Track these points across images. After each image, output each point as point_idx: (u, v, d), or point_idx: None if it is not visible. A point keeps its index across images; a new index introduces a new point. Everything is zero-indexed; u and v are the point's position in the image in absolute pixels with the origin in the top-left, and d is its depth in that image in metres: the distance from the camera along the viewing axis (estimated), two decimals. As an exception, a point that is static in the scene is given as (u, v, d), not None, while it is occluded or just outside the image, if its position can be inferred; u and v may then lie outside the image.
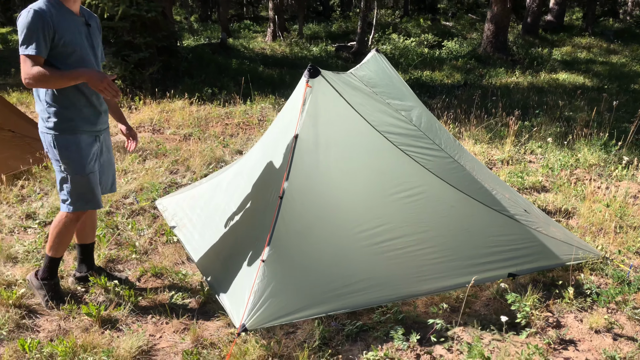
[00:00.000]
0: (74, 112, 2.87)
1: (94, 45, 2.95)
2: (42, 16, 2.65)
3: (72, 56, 2.79)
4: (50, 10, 2.72)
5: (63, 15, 2.77)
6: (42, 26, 2.65)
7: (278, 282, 2.91)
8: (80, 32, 2.85)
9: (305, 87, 3.13)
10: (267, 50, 16.52)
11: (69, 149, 2.88)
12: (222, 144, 6.40)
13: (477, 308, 3.22)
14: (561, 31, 20.45)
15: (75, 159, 2.90)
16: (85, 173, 2.94)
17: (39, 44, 2.65)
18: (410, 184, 3.37)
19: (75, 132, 2.89)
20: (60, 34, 2.72)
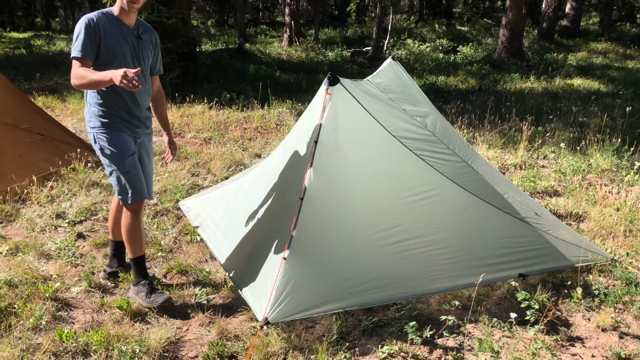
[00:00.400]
0: (112, 113, 3.12)
1: (141, 57, 3.17)
2: (91, 24, 2.95)
3: (113, 64, 3.00)
4: (101, 19, 3.00)
5: (113, 25, 3.04)
6: (89, 32, 2.93)
7: (298, 279, 3.08)
8: (127, 42, 3.09)
9: (325, 95, 3.30)
10: (284, 55, 16.75)
11: (108, 143, 3.11)
12: (241, 148, 6.59)
13: (488, 306, 3.36)
14: (577, 36, 20.43)
15: (114, 153, 3.12)
16: (125, 166, 3.14)
17: (85, 47, 2.92)
18: (425, 187, 3.52)
19: (114, 129, 3.13)
20: (105, 41, 2.98)
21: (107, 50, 3.00)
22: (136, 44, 3.14)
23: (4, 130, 5.32)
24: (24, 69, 12.23)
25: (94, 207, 4.79)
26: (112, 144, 3.12)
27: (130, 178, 3.16)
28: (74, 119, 8.07)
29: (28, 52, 15.34)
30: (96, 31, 2.96)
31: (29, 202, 4.85)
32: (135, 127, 3.23)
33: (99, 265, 3.83)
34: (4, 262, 3.83)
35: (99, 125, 3.13)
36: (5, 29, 22.56)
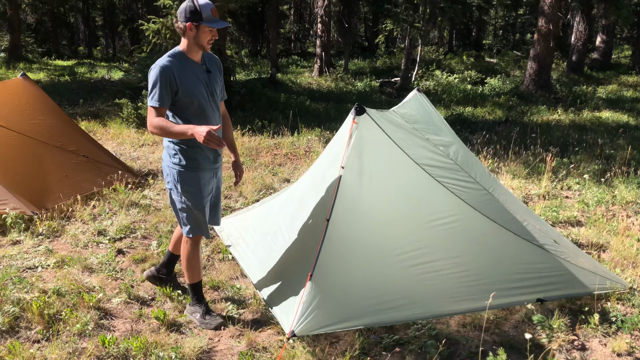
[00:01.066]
0: (197, 152, 3.19)
1: (213, 91, 3.24)
2: (165, 72, 3.00)
3: (192, 106, 3.12)
4: (174, 64, 3.05)
5: (185, 67, 3.09)
6: (165, 81, 3.00)
7: (324, 296, 3.27)
8: (200, 81, 3.15)
9: (352, 124, 3.54)
10: (314, 84, 17.20)
11: (190, 184, 3.21)
12: (271, 173, 6.88)
13: (506, 329, 3.48)
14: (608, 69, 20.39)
15: (194, 193, 3.22)
16: (201, 207, 3.27)
17: (161, 96, 3.01)
18: (446, 213, 3.70)
19: (198, 169, 3.21)
20: (182, 87, 3.05)
21: (186, 95, 3.07)
22: (208, 80, 3.20)
23: (52, 152, 5.73)
24: (68, 95, 12.90)
25: (132, 226, 5.09)
26: (194, 184, 3.21)
27: (202, 216, 3.31)
28: (114, 142, 8.51)
29: (72, 79, 16.15)
30: (172, 79, 3.01)
31: (73, 220, 5.19)
32: (216, 163, 3.34)
33: (137, 278, 4.10)
34: (51, 274, 4.13)
35: (183, 163, 3.18)
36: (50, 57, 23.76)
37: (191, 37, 3.07)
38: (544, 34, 14.14)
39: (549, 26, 13.98)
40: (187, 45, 3.12)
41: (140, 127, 9.33)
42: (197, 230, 3.34)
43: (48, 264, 4.28)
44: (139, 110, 9.32)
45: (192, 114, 3.16)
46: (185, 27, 3.04)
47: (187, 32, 3.06)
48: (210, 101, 3.21)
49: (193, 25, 3.03)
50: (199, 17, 3.02)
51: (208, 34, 3.07)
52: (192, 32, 3.05)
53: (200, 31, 3.05)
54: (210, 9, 3.03)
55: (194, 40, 3.09)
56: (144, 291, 3.93)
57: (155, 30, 9.88)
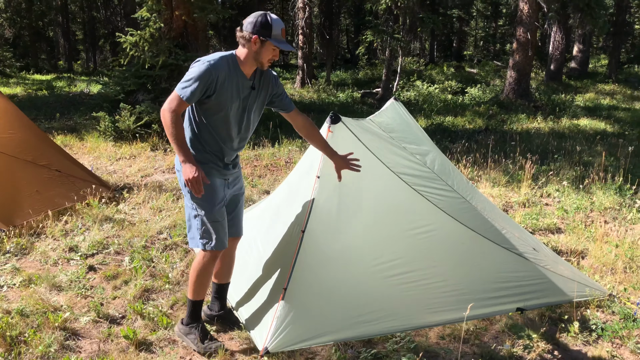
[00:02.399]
0: (209, 157, 3.05)
1: (248, 109, 3.08)
2: (210, 72, 2.82)
3: (219, 115, 2.97)
4: (223, 69, 2.87)
5: (232, 76, 2.93)
6: (206, 81, 2.82)
7: (299, 310, 3.17)
8: (239, 95, 2.99)
9: (327, 132, 3.48)
10: (296, 96, 17.17)
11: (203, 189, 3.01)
12: (250, 185, 6.77)
13: (486, 340, 3.41)
14: (585, 78, 20.70)
15: (206, 199, 3.03)
16: (214, 212, 3.07)
17: (193, 92, 2.81)
18: (424, 222, 3.63)
19: (209, 175, 3.03)
20: (218, 94, 2.89)
21: (217, 103, 2.92)
22: (247, 96, 3.03)
23: (23, 167, 5.56)
24: (45, 109, 12.69)
25: (105, 241, 4.94)
26: (207, 188, 3.01)
27: (216, 226, 3.09)
28: (91, 156, 8.35)
29: (50, 93, 15.92)
30: (213, 82, 2.85)
31: (44, 236, 5.03)
32: (226, 171, 3.15)
33: (107, 296, 3.96)
34: (17, 293, 3.97)
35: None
36: (29, 72, 23.45)
37: (253, 50, 2.92)
38: (523, 43, 14.30)
39: (527, 35, 14.15)
40: (244, 56, 2.96)
41: (117, 140, 9.18)
42: (217, 243, 3.10)
43: (14, 283, 4.11)
44: (116, 123, 9.17)
45: (215, 122, 3.01)
46: (251, 39, 2.89)
47: (250, 44, 2.91)
48: (238, 116, 3.05)
49: (259, 39, 2.88)
50: (268, 33, 2.88)
51: (271, 52, 2.93)
52: (256, 46, 2.90)
53: (264, 47, 2.91)
54: (281, 28, 2.91)
55: (254, 55, 2.93)
56: (114, 309, 3.79)
57: (132, 43, 9.76)
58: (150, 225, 5.31)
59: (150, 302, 3.88)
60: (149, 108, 9.47)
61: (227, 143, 3.09)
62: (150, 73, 9.66)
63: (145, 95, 9.84)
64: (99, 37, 29.20)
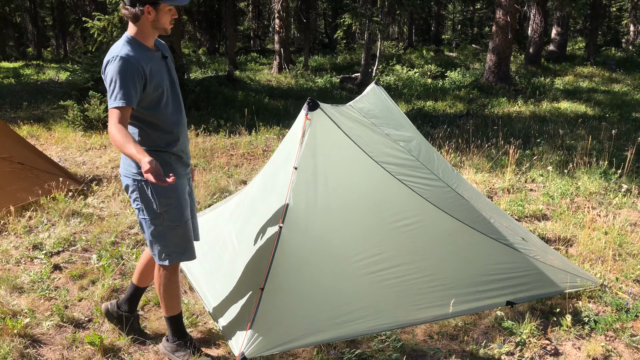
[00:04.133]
0: (170, 157, 2.74)
1: (174, 79, 2.79)
2: (132, 64, 2.51)
3: (162, 99, 2.67)
4: (137, 55, 2.58)
5: (147, 56, 2.63)
6: (132, 73, 2.50)
7: (277, 311, 2.96)
8: (162, 69, 2.71)
9: (305, 120, 3.24)
10: (273, 82, 16.82)
11: (169, 196, 2.70)
12: (226, 175, 6.51)
13: (475, 336, 3.24)
14: (563, 61, 20.73)
15: (175, 205, 2.72)
16: (184, 220, 2.78)
17: (127, 93, 2.48)
18: (408, 213, 3.44)
19: (176, 175, 2.72)
20: (151, 79, 2.59)
21: (153, 87, 2.61)
22: (167, 68, 2.75)
23: None
24: (11, 98, 12.16)
25: (72, 237, 4.66)
26: (171, 193, 2.70)
27: (188, 232, 2.80)
28: (59, 147, 7.98)
29: (16, 81, 15.30)
30: (140, 72, 2.52)
31: (5, 233, 4.72)
32: (187, 167, 2.88)
33: (73, 298, 3.70)
34: (-28, 297, 3.68)
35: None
36: (-4, 59, 22.61)
37: (149, 21, 2.60)
38: (502, 26, 14.16)
39: (506, 18, 14.00)
40: (143, 31, 2.63)
41: (87, 130, 8.80)
42: (176, 255, 2.77)
43: (-30, 286, 3.82)
44: (85, 112, 8.78)
45: (163, 110, 2.68)
46: (142, 12, 2.56)
47: (144, 16, 2.58)
48: (174, 93, 2.76)
49: (151, 7, 2.57)
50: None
51: (168, 14, 2.63)
52: (152, 15, 2.58)
53: (160, 13, 2.59)
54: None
55: (153, 25, 2.62)
56: (80, 312, 3.53)
57: (100, 28, 9.37)
58: (120, 219, 5.03)
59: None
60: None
61: (180, 128, 2.78)
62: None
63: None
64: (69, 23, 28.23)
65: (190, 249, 2.86)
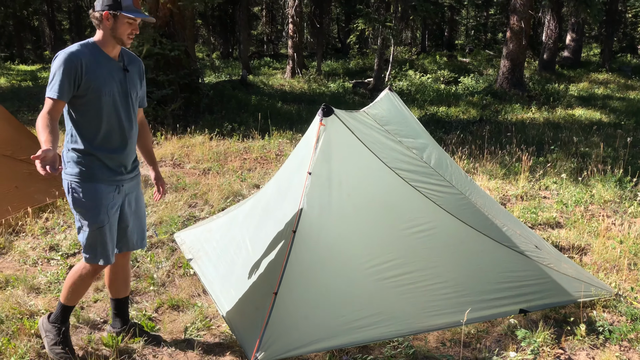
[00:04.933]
0: (91, 160, 2.76)
1: (128, 93, 2.84)
2: (71, 60, 2.62)
3: (97, 105, 2.72)
4: (83, 54, 2.66)
5: (97, 60, 2.71)
6: (69, 70, 2.61)
7: (290, 315, 2.98)
8: (114, 78, 2.77)
9: (319, 126, 3.26)
10: (286, 86, 16.89)
11: (84, 197, 2.76)
12: (239, 178, 6.55)
13: (488, 344, 3.24)
14: (578, 67, 20.58)
15: (89, 207, 2.77)
16: (98, 224, 2.79)
17: (61, 87, 2.59)
18: (421, 220, 3.44)
19: (93, 180, 2.77)
20: (89, 81, 2.67)
21: (90, 89, 2.68)
22: (123, 79, 2.81)
23: (1, 162, 5.30)
24: (28, 101, 12.34)
25: (88, 240, 4.71)
26: (88, 196, 2.76)
27: (102, 237, 2.82)
28: (75, 150, 8.07)
29: (34, 84, 15.53)
30: (77, 69, 2.62)
31: (23, 234, 4.80)
32: (119, 175, 2.86)
33: (88, 300, 3.75)
34: (-8, 296, 3.75)
35: (76, 172, 2.75)
36: (14, 62, 22.94)
37: (108, 28, 2.69)
38: (516, 32, 14.11)
39: (521, 24, 13.95)
40: (102, 37, 2.73)
41: (102, 132, 8.90)
42: (90, 256, 2.85)
43: (-11, 286, 3.89)
44: (101, 115, 8.88)
45: (99, 112, 2.72)
46: (102, 17, 2.66)
47: (103, 22, 2.68)
48: (121, 103, 2.80)
49: (110, 14, 2.66)
50: (118, 6, 2.65)
51: (127, 26, 2.69)
52: (109, 23, 2.67)
53: (118, 22, 2.67)
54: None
55: (111, 33, 2.69)
56: (95, 313, 3.58)
57: (117, 32, 9.46)
58: (135, 222, 5.07)
59: (134, 305, 3.68)
60: (135, 99, 9.19)
61: (114, 136, 2.80)
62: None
63: (131, 86, 9.55)
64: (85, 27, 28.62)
65: (104, 254, 2.86)
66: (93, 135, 2.76)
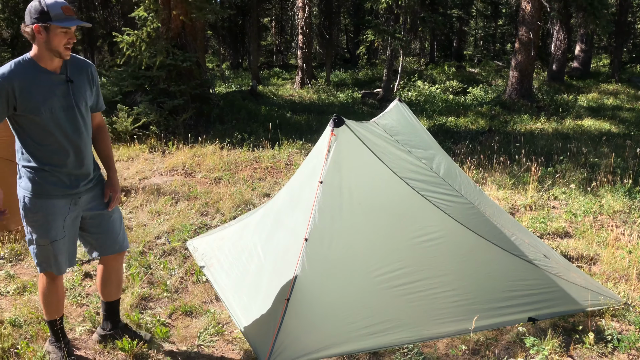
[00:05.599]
0: (44, 176, 2.74)
1: (74, 105, 2.75)
2: (2, 85, 2.55)
3: (40, 124, 2.67)
4: (16, 73, 2.60)
5: (33, 76, 2.64)
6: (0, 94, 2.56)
7: (302, 321, 3.04)
8: (54, 94, 2.68)
9: (330, 136, 3.34)
10: (295, 96, 17.03)
11: (36, 212, 2.76)
12: (250, 187, 6.64)
13: (497, 351, 3.27)
14: (587, 78, 20.58)
15: (42, 223, 2.77)
16: (49, 240, 2.80)
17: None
18: (431, 229, 3.49)
19: (46, 196, 2.75)
20: (24, 101, 2.61)
21: (29, 110, 2.62)
22: (67, 92, 2.71)
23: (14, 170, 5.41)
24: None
25: (102, 247, 4.80)
26: (40, 212, 2.76)
27: (54, 251, 2.83)
28: (88, 159, 8.20)
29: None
30: (8, 92, 2.56)
31: (39, 241, 4.89)
32: (75, 187, 2.83)
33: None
34: (10, 302, 3.84)
35: (29, 187, 2.74)
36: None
37: (42, 41, 2.59)
38: (525, 42, 14.17)
39: (529, 35, 14.01)
40: (37, 51, 2.63)
41: (115, 142, 9.04)
42: (46, 265, 2.87)
43: (7, 291, 3.98)
44: (113, 125, 9.03)
45: (42, 130, 2.68)
46: (33, 31, 2.58)
47: (36, 36, 2.59)
48: (66, 117, 2.72)
49: (41, 27, 2.56)
50: (47, 17, 2.55)
51: (62, 36, 2.59)
52: (42, 36, 2.57)
53: (51, 34, 2.57)
54: (60, 6, 2.58)
55: (46, 46, 2.60)
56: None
57: (129, 43, 9.65)
58: (148, 230, 5.17)
59: (148, 311, 3.75)
60: (147, 109, 9.35)
61: (62, 151, 2.75)
62: (148, 74, 9.53)
63: (143, 97, 9.71)
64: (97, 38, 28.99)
65: (58, 264, 2.89)
66: (41, 152, 2.72)
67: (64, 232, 2.83)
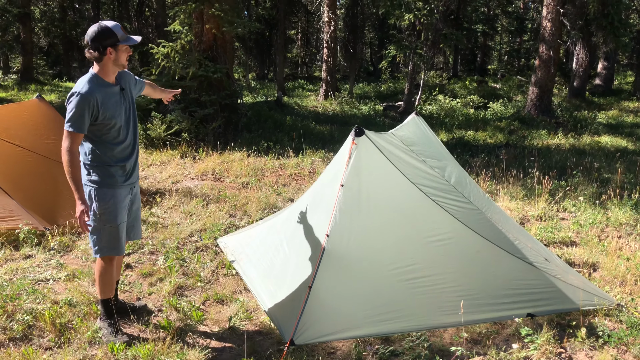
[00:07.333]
0: (108, 170, 3.29)
1: (129, 108, 3.37)
2: (87, 99, 3.08)
3: (112, 128, 3.24)
4: (95, 90, 3.13)
5: (104, 91, 3.19)
6: (85, 107, 3.08)
7: (322, 306, 3.45)
8: (117, 102, 3.27)
9: (352, 145, 3.76)
10: (319, 108, 17.52)
11: (106, 202, 3.29)
12: (275, 192, 7.08)
13: (497, 342, 3.63)
14: (609, 95, 20.64)
15: (111, 210, 3.31)
16: (117, 224, 3.36)
17: (79, 123, 3.09)
18: (440, 230, 3.88)
19: (114, 186, 3.31)
20: (103, 112, 3.17)
21: (106, 118, 3.18)
22: (121, 99, 3.31)
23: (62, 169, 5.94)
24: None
25: (141, 241, 5.28)
26: (110, 200, 3.30)
27: (120, 233, 3.40)
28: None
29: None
30: (93, 105, 3.10)
31: (84, 235, 5.39)
32: (131, 179, 3.42)
33: (144, 291, 4.28)
34: (62, 286, 4.32)
35: (102, 181, 3.27)
36: (62, 79, 24.29)
37: (111, 60, 3.19)
38: (545, 60, 14.44)
39: (549, 53, 14.28)
40: (103, 68, 3.21)
41: (148, 147, 9.61)
42: (107, 249, 3.39)
43: (59, 277, 4.47)
44: (147, 131, 9.60)
45: (111, 136, 3.27)
46: (105, 52, 3.14)
47: (106, 57, 3.16)
48: (127, 119, 3.33)
49: (112, 49, 3.15)
50: (116, 40, 3.15)
51: (125, 52, 3.22)
52: (112, 56, 3.18)
53: (119, 52, 3.19)
54: (119, 27, 3.16)
55: (114, 63, 3.21)
56: (152, 303, 4.11)
57: (164, 54, 10.23)
58: (181, 228, 5.64)
59: (184, 298, 4.19)
60: (179, 117, 9.90)
61: (128, 147, 3.36)
62: (181, 84, 10.09)
63: (175, 105, 10.27)
64: (129, 47, 29.99)
65: (119, 247, 3.44)
66: (112, 150, 3.30)
67: (124, 217, 3.44)
